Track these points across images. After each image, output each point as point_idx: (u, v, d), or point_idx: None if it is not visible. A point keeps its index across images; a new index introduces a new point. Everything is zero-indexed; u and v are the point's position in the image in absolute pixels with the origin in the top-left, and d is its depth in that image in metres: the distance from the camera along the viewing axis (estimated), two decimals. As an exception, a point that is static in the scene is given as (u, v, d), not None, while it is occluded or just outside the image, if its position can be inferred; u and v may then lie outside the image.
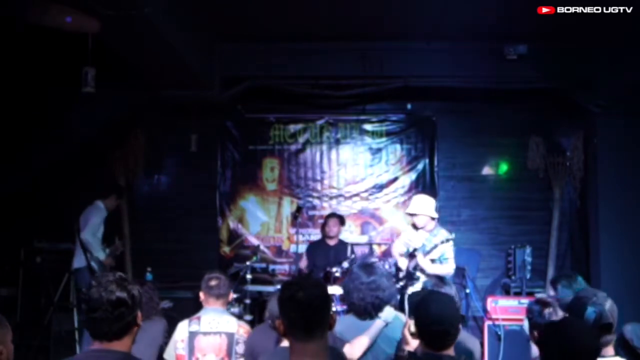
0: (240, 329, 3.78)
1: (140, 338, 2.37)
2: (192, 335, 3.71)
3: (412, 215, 5.77)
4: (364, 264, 3.74)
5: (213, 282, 3.85)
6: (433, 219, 5.72)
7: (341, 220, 7.06)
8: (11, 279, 7.05)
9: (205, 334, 3.71)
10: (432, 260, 5.52)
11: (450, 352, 2.60)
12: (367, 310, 3.49)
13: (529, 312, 3.19)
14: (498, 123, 7.98)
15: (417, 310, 2.68)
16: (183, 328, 3.78)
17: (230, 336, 3.71)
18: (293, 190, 8.13)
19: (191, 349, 3.69)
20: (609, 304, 2.71)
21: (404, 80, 7.33)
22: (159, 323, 4.11)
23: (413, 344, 3.03)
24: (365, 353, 3.39)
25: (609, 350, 2.78)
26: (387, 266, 6.51)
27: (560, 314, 3.00)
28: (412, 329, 2.97)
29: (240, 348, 3.70)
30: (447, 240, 5.45)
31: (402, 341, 3.10)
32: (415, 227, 5.77)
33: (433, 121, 8.06)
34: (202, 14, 6.31)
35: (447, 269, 5.52)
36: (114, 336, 2.16)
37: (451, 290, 3.42)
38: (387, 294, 3.49)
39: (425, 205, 5.72)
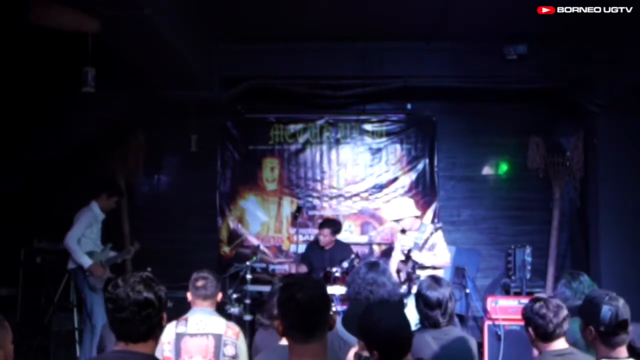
0: (228, 330, 3.66)
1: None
2: (179, 337, 3.60)
3: (397, 221, 5.87)
4: (369, 261, 3.73)
5: (200, 283, 3.75)
6: (417, 217, 5.87)
7: (334, 229, 6.83)
8: (11, 279, 7.03)
9: (192, 335, 3.60)
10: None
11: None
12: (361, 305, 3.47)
13: (524, 308, 3.14)
14: (498, 123, 7.98)
15: (371, 326, 2.53)
16: (170, 329, 3.65)
17: (218, 337, 3.60)
18: (293, 190, 8.12)
19: (178, 351, 3.58)
20: (622, 302, 2.70)
21: (404, 80, 7.33)
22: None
23: None
24: None
25: (623, 350, 2.70)
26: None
27: (551, 309, 2.95)
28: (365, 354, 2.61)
29: (228, 350, 3.59)
30: (436, 230, 5.53)
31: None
32: (403, 230, 5.89)
33: (433, 121, 8.06)
34: (202, 14, 6.31)
35: (443, 258, 5.70)
36: (140, 337, 2.11)
37: (447, 290, 3.40)
38: (383, 291, 3.42)
39: (405, 207, 5.87)
